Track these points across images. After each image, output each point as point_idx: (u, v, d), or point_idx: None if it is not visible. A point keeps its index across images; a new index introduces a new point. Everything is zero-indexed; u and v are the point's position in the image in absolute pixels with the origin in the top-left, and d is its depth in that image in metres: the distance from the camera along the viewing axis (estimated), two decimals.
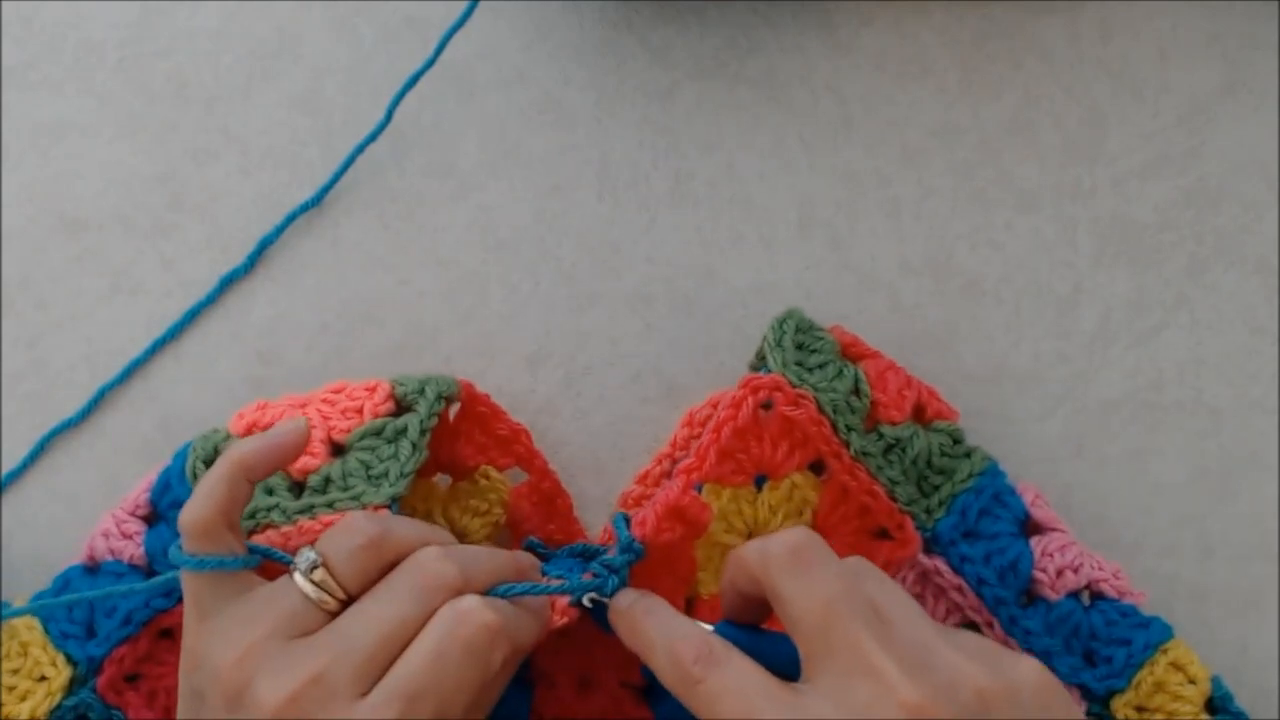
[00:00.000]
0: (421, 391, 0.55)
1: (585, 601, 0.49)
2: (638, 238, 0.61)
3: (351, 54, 0.63)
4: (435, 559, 0.47)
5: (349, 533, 0.47)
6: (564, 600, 0.50)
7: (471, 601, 0.46)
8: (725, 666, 0.43)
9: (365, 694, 0.45)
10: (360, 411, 0.55)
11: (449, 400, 0.56)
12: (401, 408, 0.55)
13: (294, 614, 0.46)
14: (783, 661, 0.44)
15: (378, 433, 0.54)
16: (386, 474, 0.53)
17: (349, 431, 0.54)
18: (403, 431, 0.54)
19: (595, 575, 0.49)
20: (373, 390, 0.56)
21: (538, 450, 0.58)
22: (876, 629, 0.42)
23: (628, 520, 0.52)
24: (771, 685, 0.43)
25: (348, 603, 0.47)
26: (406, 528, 0.49)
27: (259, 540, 0.51)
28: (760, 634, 0.47)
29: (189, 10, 0.63)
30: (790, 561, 0.44)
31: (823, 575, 0.43)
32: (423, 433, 0.54)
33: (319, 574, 0.47)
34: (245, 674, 0.45)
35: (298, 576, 0.47)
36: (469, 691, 0.45)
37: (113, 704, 0.54)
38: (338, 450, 0.55)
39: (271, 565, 0.49)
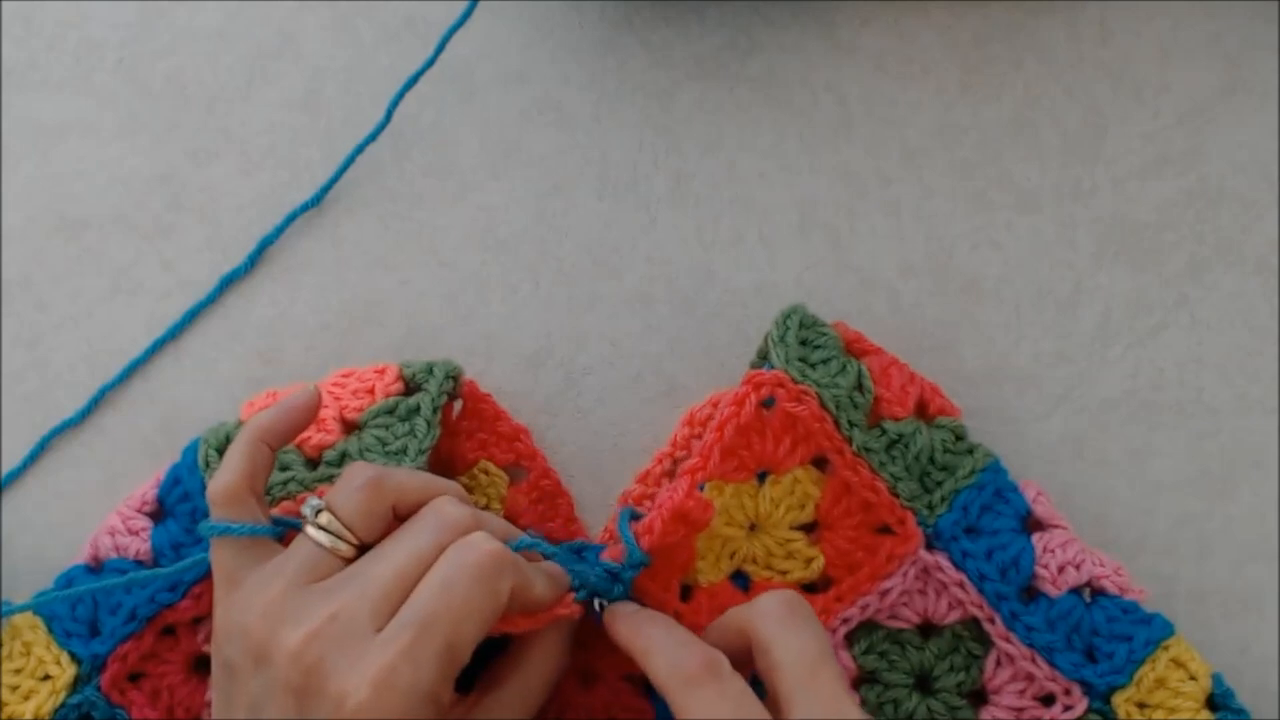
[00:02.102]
0: (430, 372, 0.56)
1: (595, 605, 0.51)
2: (638, 238, 0.61)
3: (351, 54, 0.63)
4: (450, 504, 0.49)
5: (348, 478, 0.50)
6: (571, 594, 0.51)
7: (478, 535, 0.48)
8: (730, 681, 0.46)
9: (382, 629, 0.46)
10: (371, 391, 0.56)
11: (455, 380, 0.56)
12: (410, 388, 0.56)
13: (310, 564, 0.48)
14: None
15: (390, 411, 0.55)
16: (405, 450, 0.54)
17: (361, 410, 0.55)
18: (415, 410, 0.55)
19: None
20: (381, 372, 0.57)
21: (538, 450, 0.58)
22: (847, 688, 0.46)
23: (635, 516, 0.52)
24: (764, 712, 0.45)
25: (361, 551, 0.49)
26: (406, 472, 0.51)
27: (278, 513, 0.52)
28: None
29: (189, 10, 0.63)
30: (784, 613, 0.47)
31: (812, 631, 0.47)
32: (435, 410, 0.55)
33: (324, 517, 0.48)
34: (268, 627, 0.46)
35: (309, 527, 0.49)
36: (479, 618, 0.46)
37: (116, 703, 0.54)
38: (350, 428, 0.56)
39: (295, 536, 0.50)
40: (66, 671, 0.54)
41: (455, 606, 0.46)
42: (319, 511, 0.49)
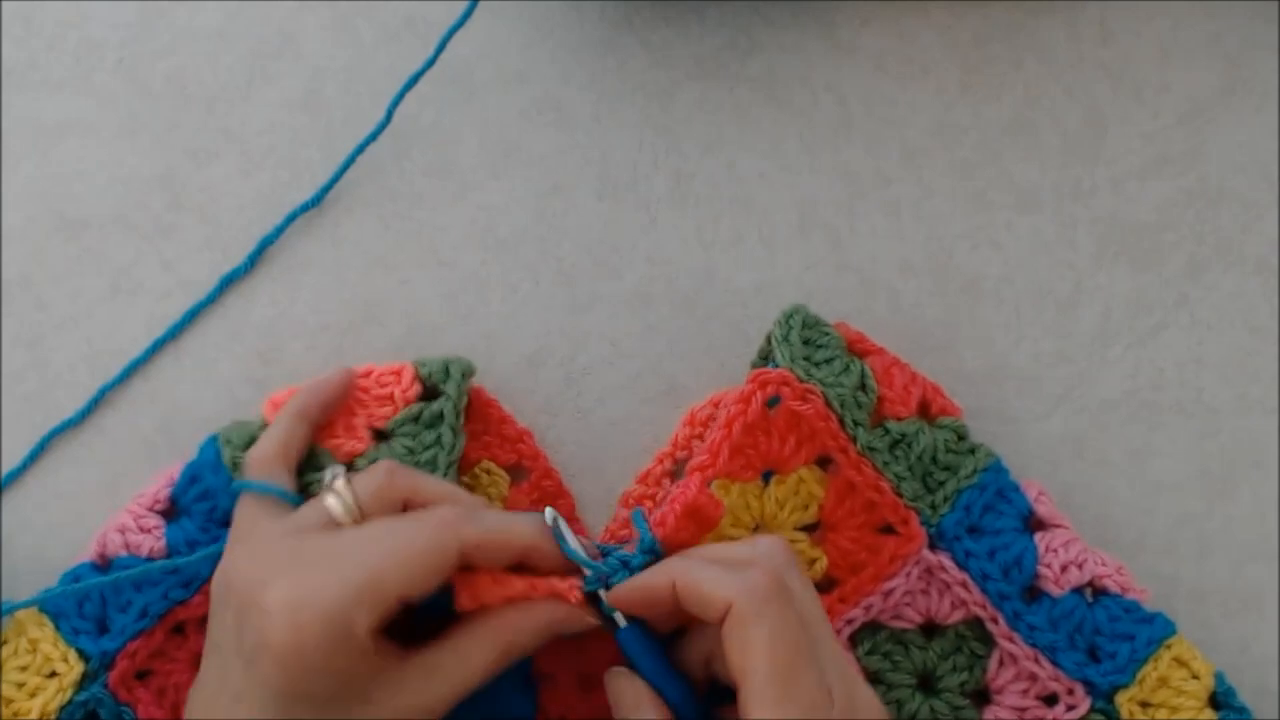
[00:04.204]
0: (446, 373, 0.56)
1: (601, 595, 0.50)
2: (638, 238, 0.61)
3: (351, 54, 0.63)
4: (449, 508, 0.50)
5: (375, 465, 0.53)
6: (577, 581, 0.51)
7: (443, 506, 0.50)
8: (790, 607, 0.46)
9: None
10: (392, 399, 0.56)
11: (470, 378, 0.57)
12: (427, 388, 0.57)
13: (309, 525, 0.50)
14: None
15: (415, 418, 0.56)
16: (435, 461, 0.55)
17: (388, 419, 0.56)
18: (439, 417, 0.56)
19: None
20: (398, 374, 0.57)
21: (540, 450, 0.58)
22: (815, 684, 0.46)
23: (646, 517, 0.52)
24: (827, 624, 0.47)
25: None
26: (430, 477, 0.53)
27: None
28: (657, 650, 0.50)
29: (189, 10, 0.63)
30: (790, 562, 0.48)
31: (809, 581, 0.49)
32: (458, 415, 0.56)
33: (340, 484, 0.50)
34: (244, 567, 0.49)
35: (323, 491, 0.51)
36: (417, 562, 0.48)
37: (123, 701, 0.54)
38: (380, 436, 0.56)
39: None
40: (74, 669, 0.54)
41: (391, 545, 0.47)
42: (336, 477, 0.51)
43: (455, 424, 0.55)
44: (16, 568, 0.58)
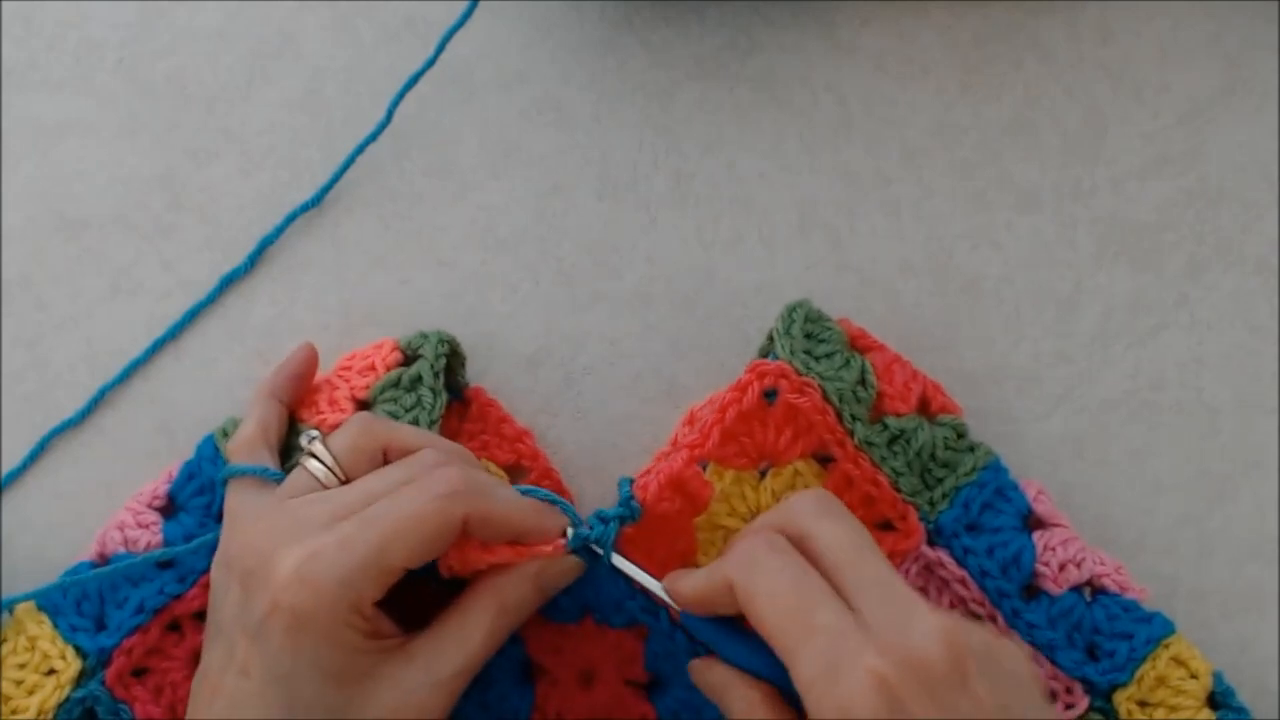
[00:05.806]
0: (424, 338, 0.57)
1: (589, 541, 0.52)
2: (638, 238, 0.61)
3: (351, 54, 0.63)
4: (432, 454, 0.51)
5: (347, 420, 0.53)
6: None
7: (449, 468, 0.49)
8: (787, 553, 0.47)
9: None
10: (374, 369, 0.57)
11: (450, 345, 0.57)
12: (408, 358, 0.57)
13: (298, 491, 0.51)
14: (752, 660, 0.48)
15: (395, 383, 0.56)
16: (416, 423, 0.55)
17: (369, 388, 0.56)
18: (418, 380, 0.56)
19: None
20: (379, 347, 0.57)
21: (540, 450, 0.58)
22: (891, 566, 0.46)
23: (631, 482, 0.53)
24: (814, 573, 0.46)
25: None
26: (406, 426, 0.53)
27: None
28: (726, 626, 0.49)
29: (189, 10, 0.63)
30: (819, 507, 0.48)
31: (847, 522, 0.48)
32: (435, 375, 0.56)
33: (317, 446, 0.51)
34: (241, 537, 0.50)
35: (302, 456, 0.52)
36: (423, 530, 0.48)
37: (120, 698, 0.54)
38: (362, 406, 0.56)
39: None
40: (71, 666, 0.54)
41: (399, 512, 0.47)
42: (313, 440, 0.52)
43: (434, 384, 0.56)
44: (16, 567, 0.58)
